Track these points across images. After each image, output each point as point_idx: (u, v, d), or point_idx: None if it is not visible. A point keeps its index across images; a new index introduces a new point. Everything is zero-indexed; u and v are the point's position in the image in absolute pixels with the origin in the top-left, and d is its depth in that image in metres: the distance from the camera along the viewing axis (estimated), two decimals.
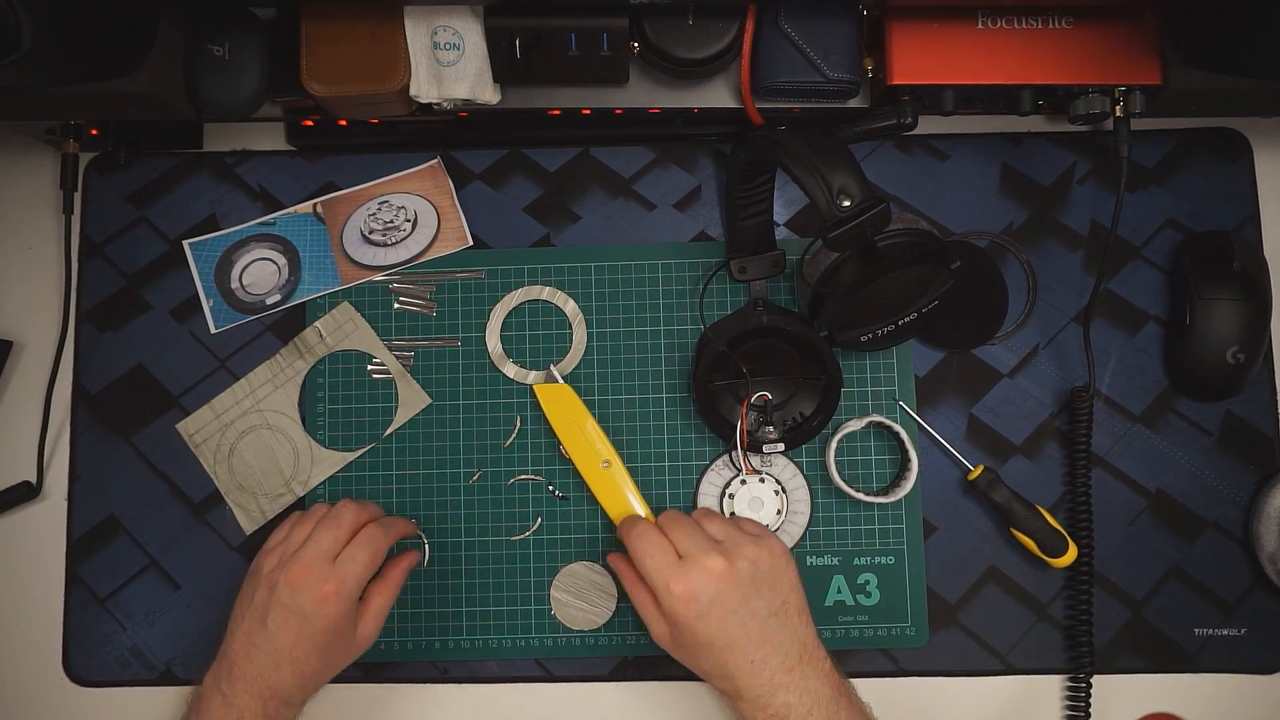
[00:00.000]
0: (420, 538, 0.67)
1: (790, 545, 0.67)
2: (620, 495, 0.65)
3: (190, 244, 0.71)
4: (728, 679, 0.56)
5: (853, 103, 0.66)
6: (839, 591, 0.67)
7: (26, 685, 0.67)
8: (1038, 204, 0.71)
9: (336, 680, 0.66)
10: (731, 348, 0.64)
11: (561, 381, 0.67)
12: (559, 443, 0.67)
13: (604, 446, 0.66)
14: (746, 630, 0.55)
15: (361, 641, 0.59)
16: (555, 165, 0.72)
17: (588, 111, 0.66)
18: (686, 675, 0.60)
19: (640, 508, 0.65)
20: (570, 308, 0.69)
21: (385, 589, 0.61)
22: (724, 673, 0.55)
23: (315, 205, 0.71)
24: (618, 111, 0.67)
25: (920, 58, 0.62)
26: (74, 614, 0.67)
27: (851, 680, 0.58)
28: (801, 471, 0.68)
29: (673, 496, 0.67)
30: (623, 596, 0.66)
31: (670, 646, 0.58)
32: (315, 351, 0.69)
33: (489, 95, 0.64)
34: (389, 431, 0.69)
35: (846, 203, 0.52)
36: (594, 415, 0.67)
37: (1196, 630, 0.66)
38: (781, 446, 0.65)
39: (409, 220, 0.71)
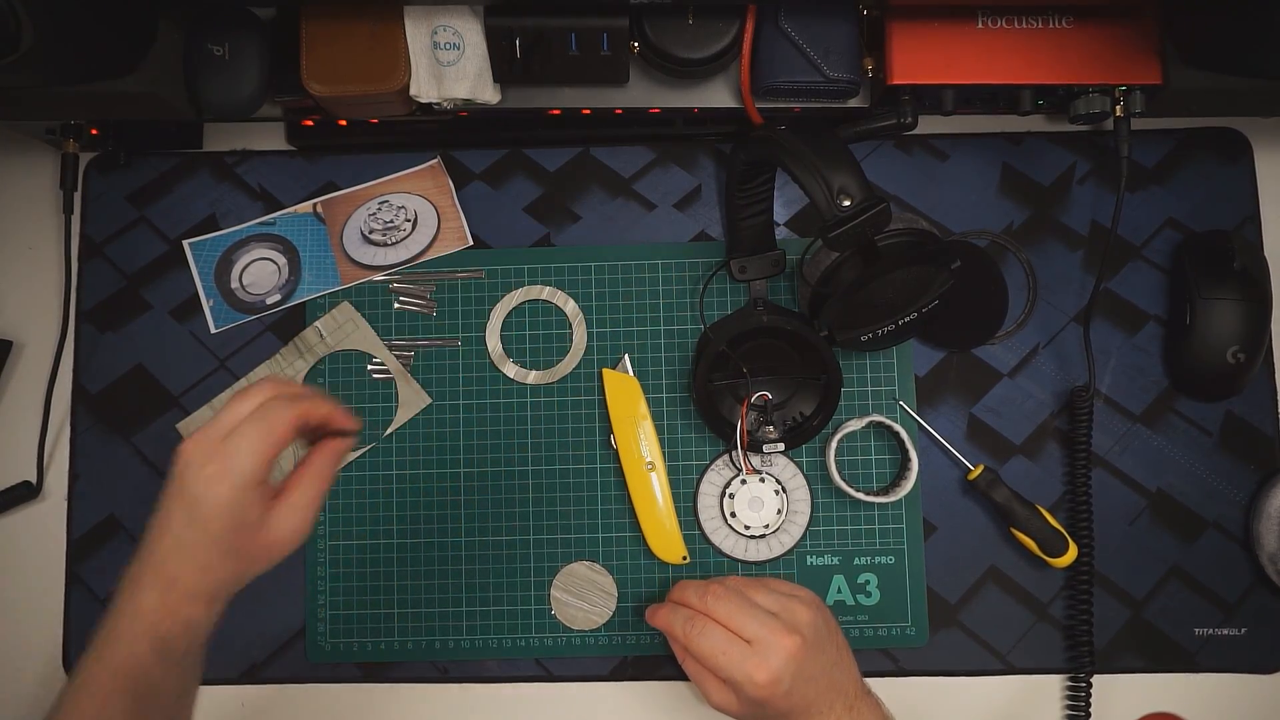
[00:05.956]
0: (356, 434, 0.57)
1: (790, 545, 0.67)
2: (651, 499, 0.66)
3: (190, 244, 0.71)
4: None
5: (853, 103, 0.66)
6: (839, 591, 0.67)
7: (26, 685, 0.67)
8: (1038, 204, 0.71)
9: (336, 680, 0.66)
10: (731, 348, 0.64)
11: (632, 375, 0.68)
12: (611, 432, 0.67)
13: (652, 449, 0.67)
14: (818, 688, 0.56)
15: (278, 539, 0.51)
16: (555, 165, 0.72)
17: (588, 111, 0.66)
18: (686, 675, 0.60)
19: (668, 521, 0.66)
20: (570, 308, 0.69)
21: (304, 479, 0.52)
22: None
23: (315, 205, 0.71)
24: (618, 111, 0.67)
25: (920, 58, 0.62)
26: (74, 614, 0.67)
27: None
28: (801, 471, 0.68)
29: (673, 496, 0.67)
30: (623, 598, 0.66)
31: (737, 714, 0.58)
32: (315, 351, 0.69)
33: (489, 95, 0.64)
34: (389, 431, 0.68)
35: (846, 202, 0.52)
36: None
37: (1196, 630, 0.66)
38: (781, 446, 0.65)
39: (409, 220, 0.71)
